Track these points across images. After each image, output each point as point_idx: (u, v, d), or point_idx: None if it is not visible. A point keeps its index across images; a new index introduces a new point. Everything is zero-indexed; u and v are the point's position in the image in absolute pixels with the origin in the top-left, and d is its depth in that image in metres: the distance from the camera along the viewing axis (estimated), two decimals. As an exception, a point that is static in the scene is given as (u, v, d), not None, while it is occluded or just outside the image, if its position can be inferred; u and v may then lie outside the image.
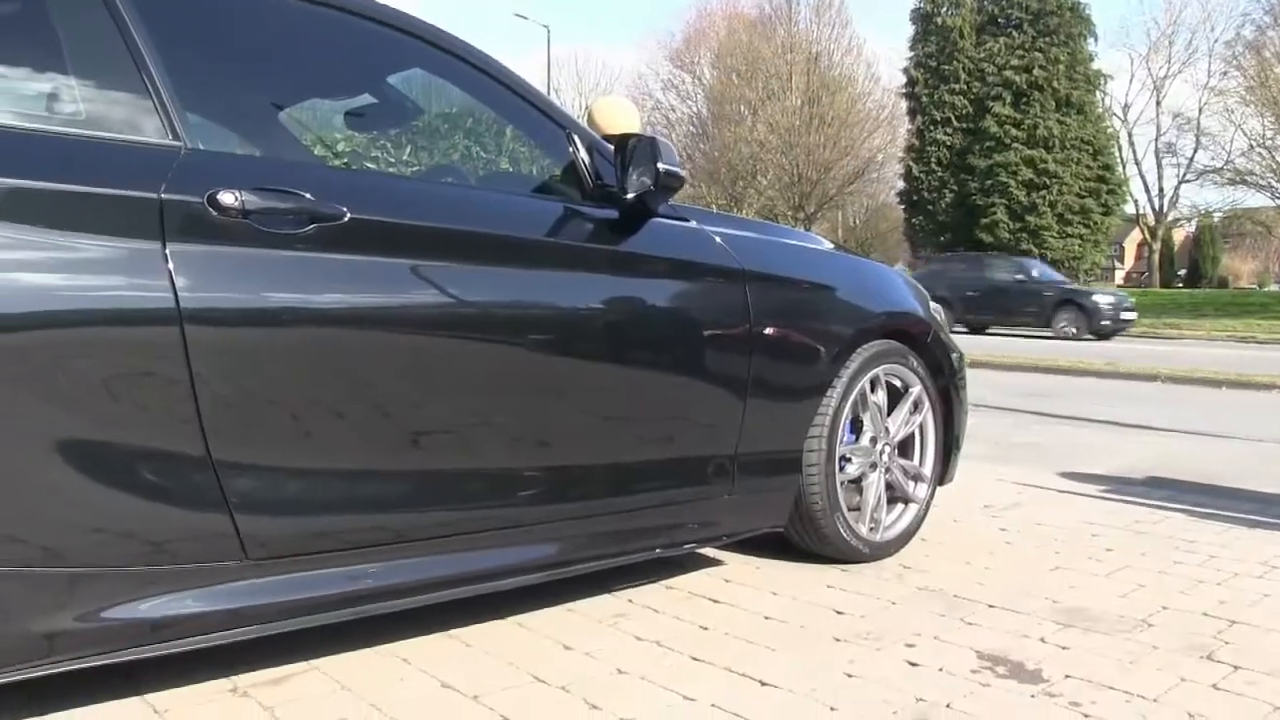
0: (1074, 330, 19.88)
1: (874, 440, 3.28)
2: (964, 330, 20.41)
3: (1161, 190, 45.80)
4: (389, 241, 2.23)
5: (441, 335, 2.29)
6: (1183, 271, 51.40)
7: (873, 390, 3.25)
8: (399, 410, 2.24)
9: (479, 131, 3.69)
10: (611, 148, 2.66)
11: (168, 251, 1.93)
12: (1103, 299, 20.58)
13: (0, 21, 2.08)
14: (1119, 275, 54.00)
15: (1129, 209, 44.65)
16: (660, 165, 2.52)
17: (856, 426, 3.26)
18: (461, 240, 2.37)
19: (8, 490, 1.81)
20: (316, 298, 2.12)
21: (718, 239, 2.89)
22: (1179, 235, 44.50)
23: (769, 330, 2.89)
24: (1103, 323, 19.95)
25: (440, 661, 2.36)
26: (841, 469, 3.15)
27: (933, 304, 3.67)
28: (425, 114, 3.16)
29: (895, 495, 3.39)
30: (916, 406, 3.43)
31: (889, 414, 3.34)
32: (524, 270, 2.46)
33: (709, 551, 3.33)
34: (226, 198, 2.00)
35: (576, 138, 2.65)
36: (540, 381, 2.46)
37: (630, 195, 2.59)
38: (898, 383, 3.36)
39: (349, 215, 2.14)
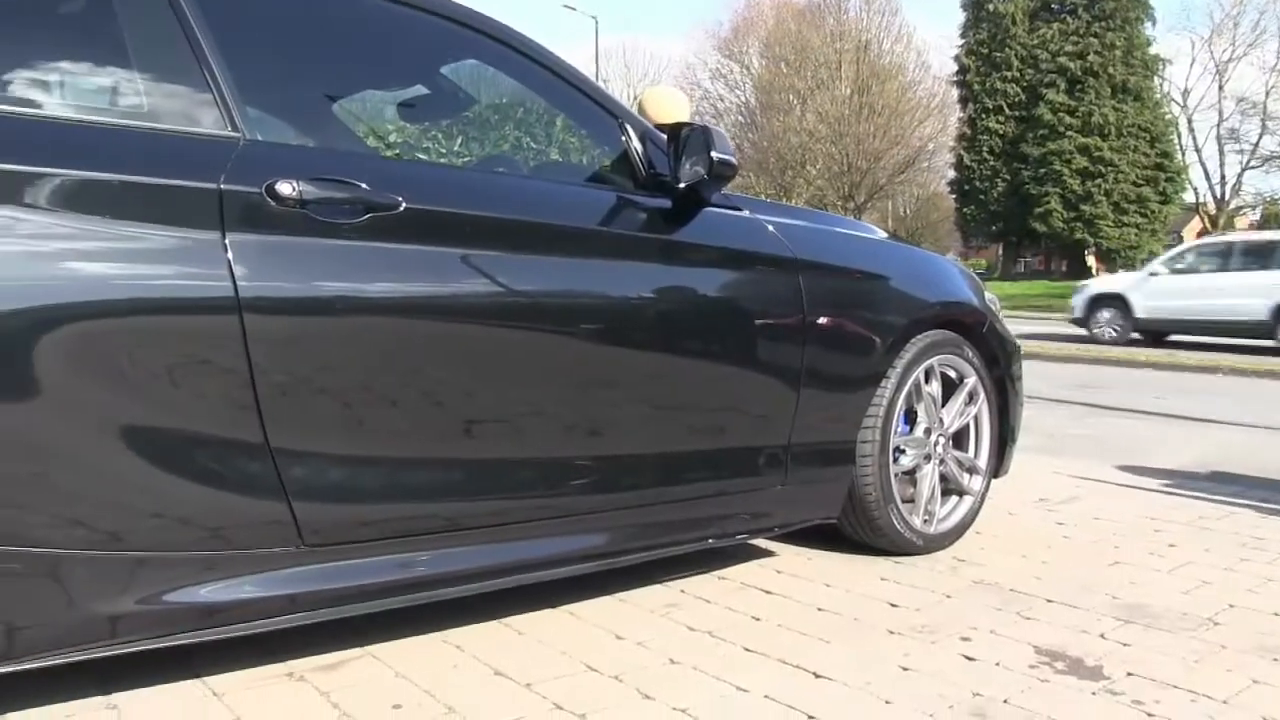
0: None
1: (928, 431, 3.24)
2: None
3: (1223, 178, 44.72)
4: (443, 231, 2.24)
5: (495, 324, 2.29)
6: (1245, 260, 50.24)
7: (927, 381, 3.21)
8: (452, 399, 2.25)
9: (529, 122, 3.69)
10: (664, 137, 2.65)
11: (227, 241, 1.95)
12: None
13: (66, 17, 2.11)
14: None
15: (1188, 197, 43.77)
16: (714, 154, 2.51)
17: (911, 417, 3.22)
18: (515, 229, 2.38)
19: (72, 476, 1.84)
20: (372, 287, 2.13)
21: (771, 228, 2.87)
22: (1241, 223, 43.60)
23: (823, 320, 2.87)
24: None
25: (493, 649, 2.37)
26: (895, 460, 3.12)
27: (988, 294, 3.62)
28: (477, 105, 3.17)
29: (949, 487, 3.35)
30: (971, 397, 3.39)
31: (943, 405, 3.31)
32: (577, 259, 2.46)
33: (760, 542, 3.31)
34: (284, 188, 2.02)
35: (629, 127, 2.64)
36: (593, 371, 2.46)
37: (683, 184, 2.58)
38: (952, 373, 3.33)
39: (404, 205, 2.15)
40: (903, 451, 3.17)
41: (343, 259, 2.09)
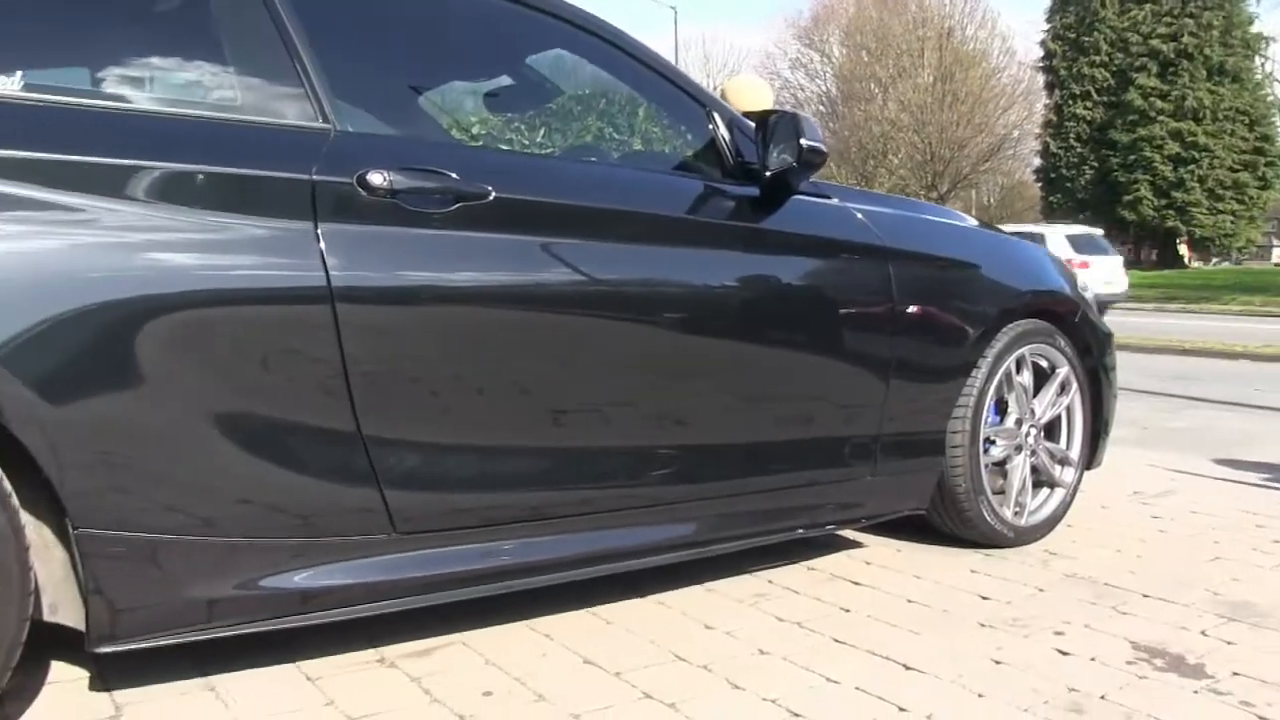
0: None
1: (1019, 422, 3.19)
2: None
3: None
4: (533, 220, 2.26)
5: (583, 313, 2.30)
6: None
7: (1018, 371, 3.16)
8: (540, 387, 2.27)
9: (612, 113, 3.69)
10: (752, 124, 2.64)
11: (319, 231, 1.99)
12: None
13: (162, 13, 2.16)
14: (1276, 254, 51.45)
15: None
16: (803, 141, 2.49)
17: (1001, 408, 3.17)
18: (603, 218, 2.38)
19: (173, 463, 1.89)
20: (461, 276, 2.15)
21: (859, 215, 2.84)
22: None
23: (912, 309, 2.84)
24: None
25: (582, 638, 2.38)
26: (986, 451, 3.07)
27: (1080, 282, 3.55)
28: (562, 95, 3.18)
29: (1041, 479, 3.29)
30: (1063, 388, 3.32)
31: (1035, 395, 3.25)
32: (665, 248, 2.46)
33: (848, 533, 3.29)
34: (375, 178, 2.04)
35: (717, 115, 2.64)
36: (681, 360, 2.46)
37: (771, 172, 2.56)
38: (1044, 363, 3.26)
39: (494, 194, 2.17)
40: (993, 442, 3.12)
41: (433, 248, 2.11)
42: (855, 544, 3.23)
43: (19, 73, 1.85)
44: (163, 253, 1.87)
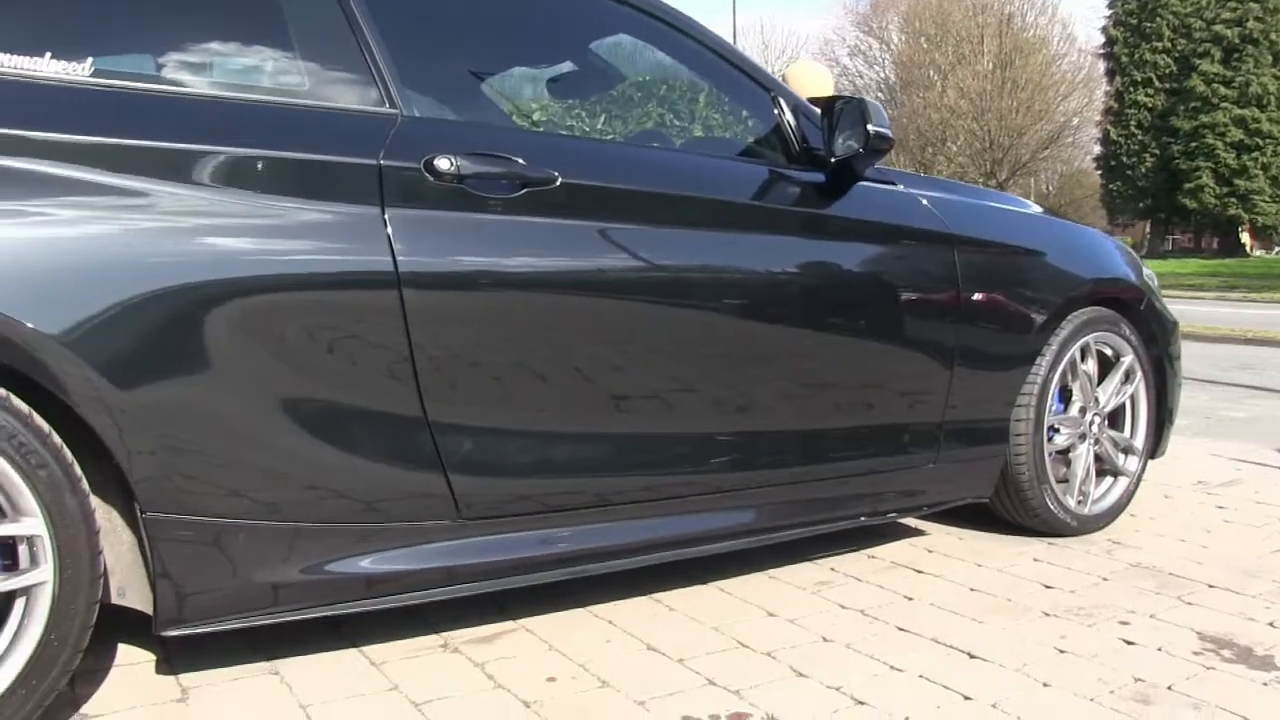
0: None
1: (1083, 410, 3.15)
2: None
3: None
4: (599, 205, 2.26)
5: (649, 299, 2.30)
6: None
7: (1083, 359, 3.12)
8: (606, 374, 2.27)
9: (672, 99, 3.68)
10: (818, 111, 2.62)
11: (386, 216, 2.00)
12: None
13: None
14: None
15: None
16: (870, 127, 2.47)
17: (1065, 396, 3.14)
18: (669, 204, 2.38)
19: (239, 447, 1.91)
20: (527, 261, 2.15)
21: (925, 202, 2.82)
22: None
23: (977, 296, 2.81)
24: None
25: (645, 624, 2.38)
26: (1049, 439, 3.04)
27: (1146, 270, 3.49)
28: (625, 81, 3.18)
29: (1104, 468, 3.25)
30: (1128, 376, 3.27)
31: (1099, 383, 3.20)
32: (731, 234, 2.45)
33: (910, 521, 3.26)
34: (442, 163, 2.05)
35: (782, 100, 2.62)
36: (746, 346, 2.45)
37: (837, 158, 2.55)
38: (1109, 351, 3.22)
39: (560, 179, 2.17)
40: (1057, 430, 3.08)
41: (499, 234, 2.11)
42: (916, 532, 3.21)
43: (89, 59, 1.87)
44: (231, 238, 1.88)
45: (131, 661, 2.18)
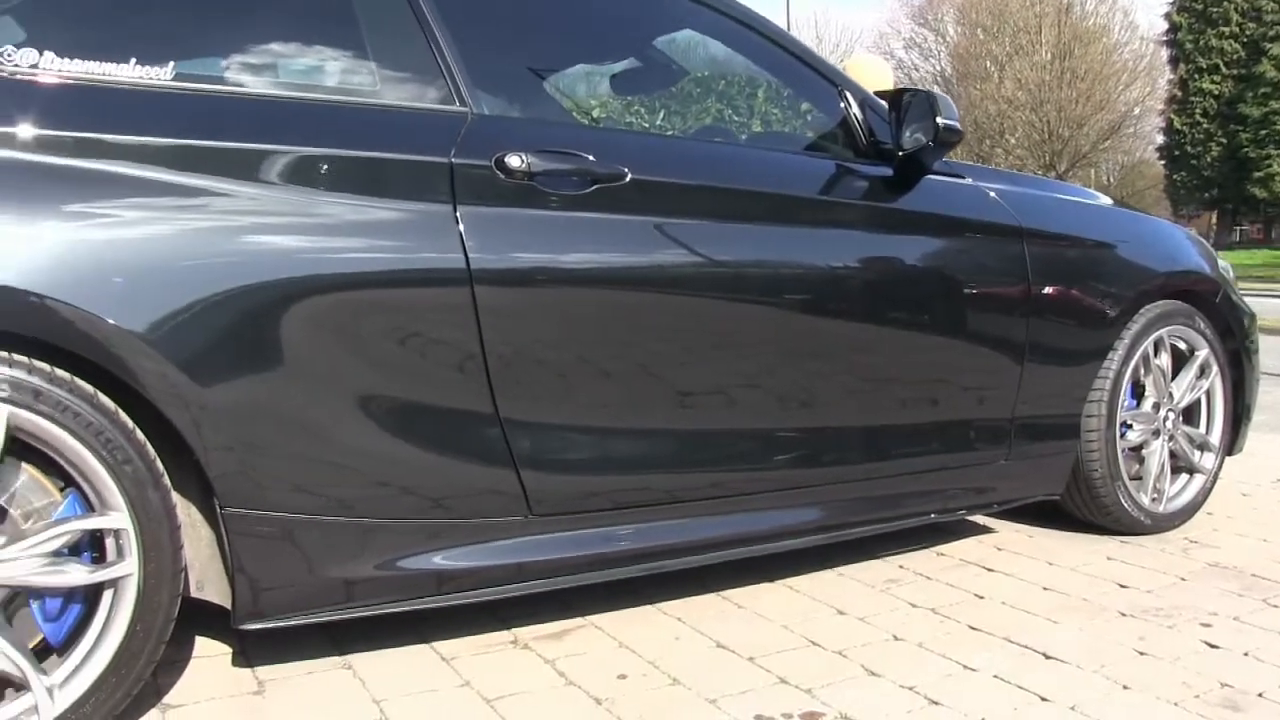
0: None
1: (1157, 406, 3.08)
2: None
3: None
4: (668, 201, 2.26)
5: (720, 295, 2.29)
6: None
7: (1156, 353, 3.06)
8: (677, 370, 2.26)
9: (730, 94, 3.67)
10: (884, 104, 2.60)
11: (458, 214, 2.01)
12: None
13: (301, 1, 2.20)
14: None
15: None
16: (939, 120, 2.44)
17: (1138, 391, 3.08)
18: (738, 199, 2.37)
19: (314, 444, 1.93)
20: (598, 258, 2.16)
21: (993, 195, 2.78)
22: None
23: (1048, 290, 2.77)
24: None
25: (714, 622, 2.38)
26: (1122, 435, 2.99)
27: (1221, 262, 3.42)
28: (688, 76, 3.17)
29: (1179, 465, 3.18)
30: (1203, 371, 3.20)
31: (1174, 378, 3.14)
32: (800, 229, 2.44)
33: (978, 519, 3.22)
34: (513, 160, 2.06)
35: (849, 94, 2.60)
36: (817, 342, 2.44)
37: (905, 152, 2.53)
38: (1183, 345, 3.15)
39: (630, 175, 2.17)
40: (1130, 426, 3.03)
41: (570, 230, 2.12)
42: (985, 529, 3.17)
43: (170, 63, 1.90)
44: (305, 236, 1.91)
45: (209, 654, 2.21)
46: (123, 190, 1.78)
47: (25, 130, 1.74)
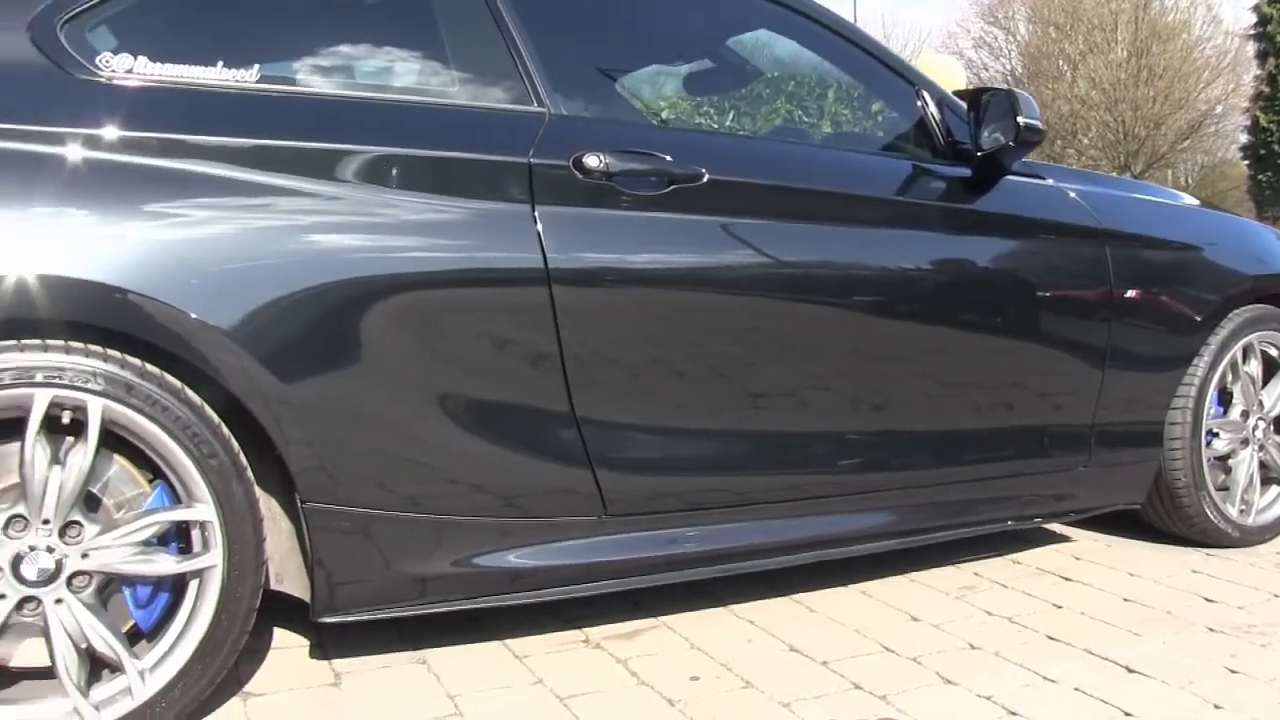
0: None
1: (1245, 414, 3.00)
2: None
3: None
4: (745, 201, 2.25)
5: (797, 297, 2.28)
6: None
7: (1245, 359, 2.98)
8: (752, 371, 2.25)
9: (800, 95, 3.65)
10: (963, 104, 2.57)
11: (536, 214, 2.02)
12: None
13: (381, 3, 2.23)
14: None
15: None
16: (1020, 119, 2.40)
17: (1225, 399, 3.00)
18: (814, 200, 2.36)
19: (393, 440, 1.95)
20: (675, 259, 2.15)
21: (1074, 196, 2.73)
22: None
23: (1130, 294, 2.71)
24: None
25: (786, 625, 2.36)
26: (1208, 444, 2.91)
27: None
28: (762, 76, 3.16)
29: (1270, 476, 3.09)
30: (1296, 378, 3.12)
31: (1264, 386, 3.06)
32: (876, 230, 2.42)
33: (1054, 527, 3.16)
34: (591, 160, 2.06)
35: (926, 94, 2.57)
36: (892, 344, 2.41)
37: (984, 152, 2.49)
38: (1274, 352, 3.07)
39: (707, 176, 2.16)
40: (1216, 435, 2.95)
41: (647, 230, 2.12)
42: (1062, 538, 3.11)
43: (255, 66, 1.94)
44: (385, 236, 1.93)
45: (287, 645, 2.25)
46: (208, 190, 1.81)
47: (119, 132, 1.78)
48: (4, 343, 1.68)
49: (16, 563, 1.69)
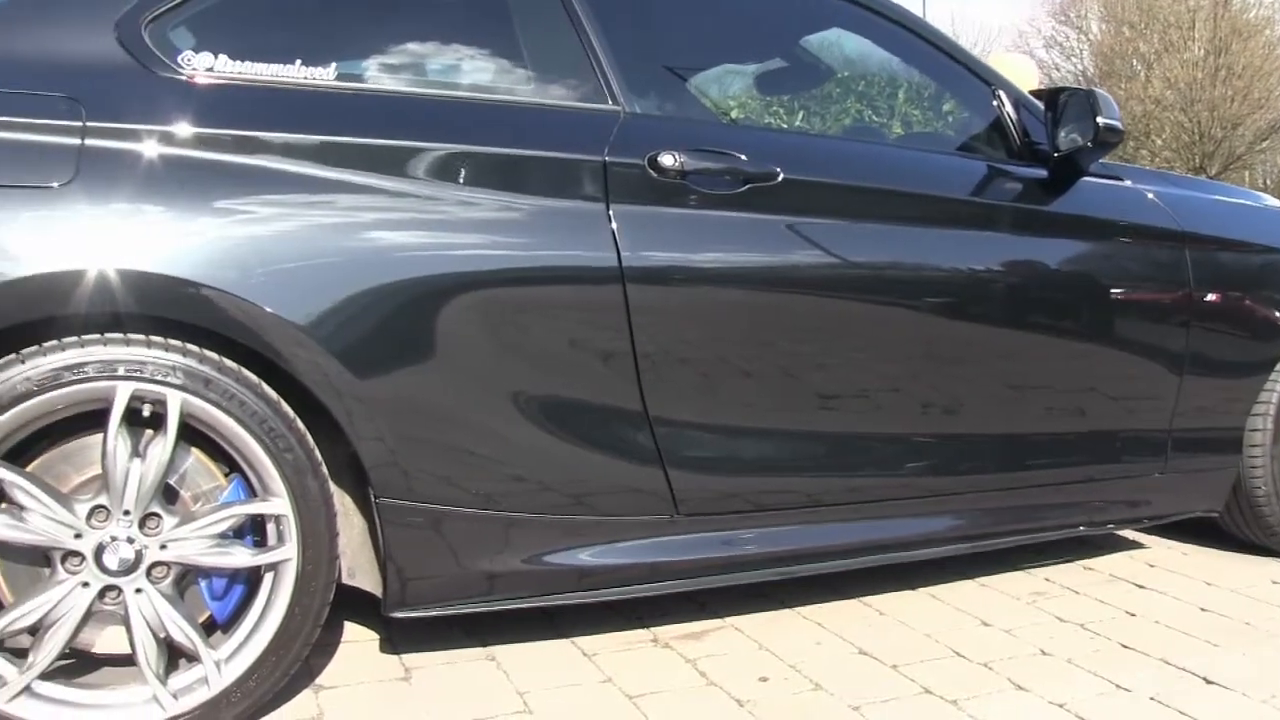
0: None
1: (1328, 422, 2.93)
2: None
3: None
4: (820, 201, 2.24)
5: (873, 298, 2.27)
6: None
7: (1329, 366, 2.90)
8: (827, 373, 2.24)
9: (870, 94, 3.61)
10: (1039, 104, 2.53)
11: (611, 212, 2.02)
12: None
13: (457, 2, 2.25)
14: None
15: None
16: (1099, 119, 2.36)
17: (1308, 406, 2.92)
18: (890, 200, 2.34)
19: (466, 437, 1.96)
20: (750, 258, 2.15)
21: (1152, 197, 2.68)
22: None
23: (1211, 297, 2.66)
24: None
25: (855, 628, 2.34)
26: (1289, 452, 2.85)
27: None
28: (835, 76, 3.13)
29: (1353, 486, 3.01)
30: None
31: (1347, 393, 2.97)
32: (951, 231, 2.39)
33: (1127, 534, 3.11)
34: (666, 159, 2.06)
35: (1003, 94, 2.54)
36: (970, 347, 2.39)
37: (1061, 153, 2.46)
38: (1358, 359, 2.98)
39: (782, 175, 2.15)
40: (1299, 442, 2.88)
41: (722, 230, 2.11)
42: (1135, 544, 3.05)
43: (333, 64, 1.97)
44: (461, 233, 1.94)
45: (358, 639, 2.27)
46: (284, 186, 1.84)
47: (199, 129, 1.81)
48: (88, 336, 1.72)
49: (99, 552, 1.73)
